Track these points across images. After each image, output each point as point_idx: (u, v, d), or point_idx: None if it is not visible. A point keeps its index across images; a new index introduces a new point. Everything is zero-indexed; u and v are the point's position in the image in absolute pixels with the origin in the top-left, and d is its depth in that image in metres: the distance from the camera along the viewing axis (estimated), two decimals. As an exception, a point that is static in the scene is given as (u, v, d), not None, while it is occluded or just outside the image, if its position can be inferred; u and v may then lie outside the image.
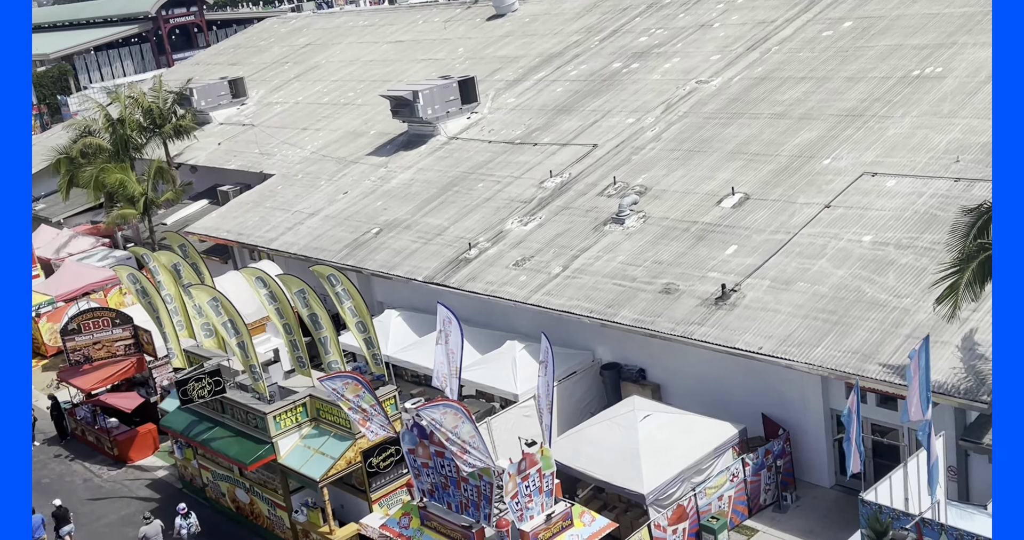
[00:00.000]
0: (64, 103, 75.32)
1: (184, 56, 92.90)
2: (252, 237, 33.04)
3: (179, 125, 40.69)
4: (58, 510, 22.89)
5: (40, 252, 39.27)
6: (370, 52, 46.83)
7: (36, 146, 55.19)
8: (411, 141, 35.15)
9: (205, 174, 42.25)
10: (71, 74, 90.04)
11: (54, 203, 47.43)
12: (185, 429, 22.46)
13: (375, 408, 17.62)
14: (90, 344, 27.75)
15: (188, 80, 46.05)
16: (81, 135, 39.99)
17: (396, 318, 26.84)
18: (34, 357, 35.44)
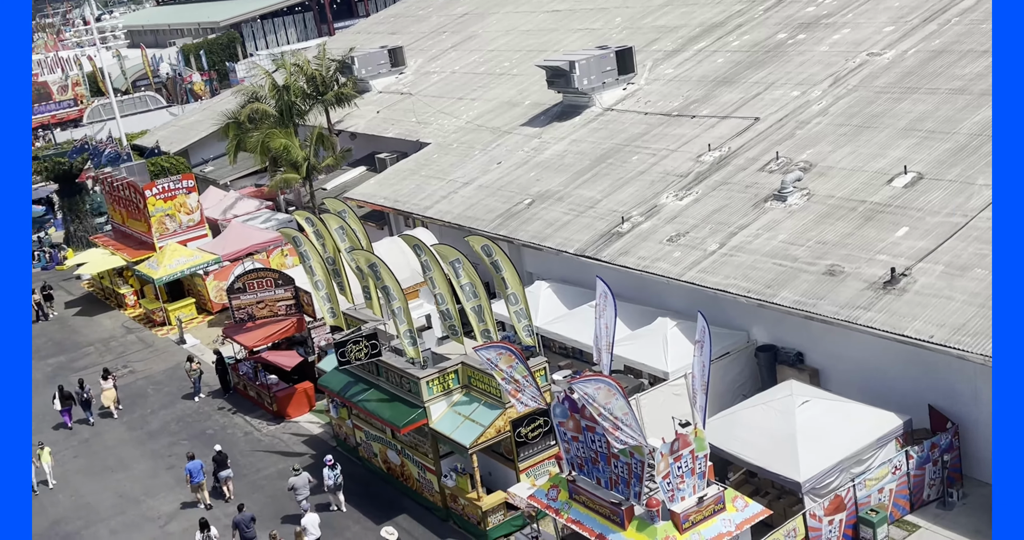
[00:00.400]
0: (232, 69, 78.47)
1: (344, 25, 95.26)
2: (408, 204, 33.65)
3: (340, 93, 41.76)
4: (218, 455, 24.17)
5: (208, 213, 41.11)
6: (526, 22, 46.73)
7: (206, 111, 57.88)
8: (565, 112, 34.94)
9: (364, 141, 43.27)
10: (239, 41, 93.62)
11: (222, 166, 49.59)
12: (341, 389, 23.16)
13: (527, 379, 17.66)
14: (254, 303, 28.96)
15: (350, 49, 47.09)
16: (249, 101, 41.55)
17: (546, 289, 26.87)
18: (200, 313, 37.39)
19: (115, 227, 42.42)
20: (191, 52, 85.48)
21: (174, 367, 32.57)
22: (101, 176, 43.58)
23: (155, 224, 38.24)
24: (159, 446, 27.41)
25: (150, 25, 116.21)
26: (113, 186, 40.99)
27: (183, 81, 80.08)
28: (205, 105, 63.14)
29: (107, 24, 58.61)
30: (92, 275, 41.98)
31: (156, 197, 38.27)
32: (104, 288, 41.80)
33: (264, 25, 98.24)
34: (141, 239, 39.33)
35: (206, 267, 36.72)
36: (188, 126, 55.94)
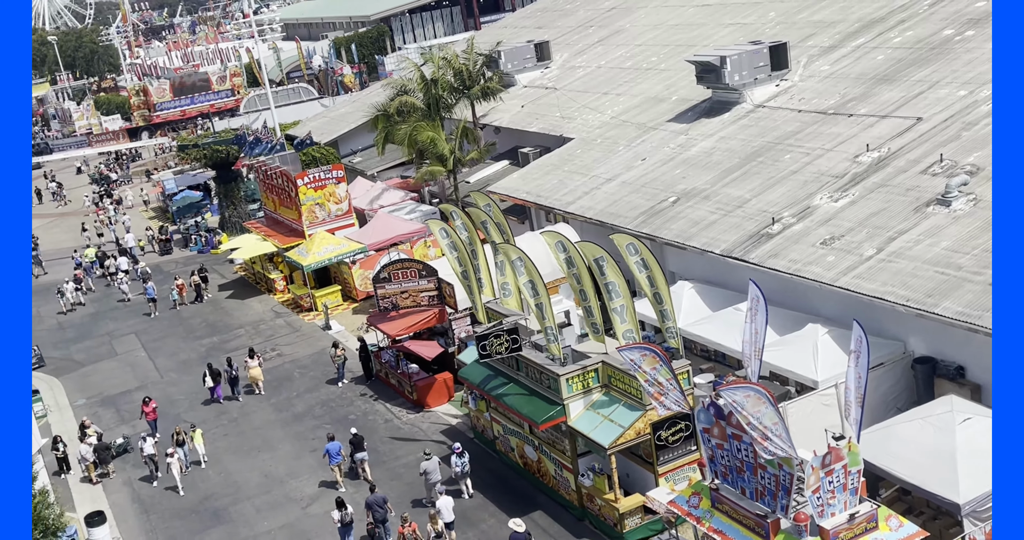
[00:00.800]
0: (381, 62, 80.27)
1: (491, 19, 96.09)
2: (550, 199, 33.60)
3: (486, 87, 42.08)
4: (354, 438, 24.87)
5: (356, 203, 42.17)
6: (675, 16, 45.98)
7: (355, 103, 59.42)
8: (714, 108, 34.18)
9: (507, 135, 43.50)
10: (388, 35, 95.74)
11: (370, 157, 50.80)
12: (481, 382, 23.31)
13: (671, 382, 17.32)
14: (398, 293, 29.48)
15: (497, 43, 47.39)
16: (397, 94, 42.35)
17: (689, 290, 26.33)
18: (345, 300, 38.39)
19: (267, 214, 44.05)
20: (342, 45, 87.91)
21: (319, 352, 33.55)
22: (256, 164, 45.32)
23: (305, 212, 39.46)
24: (303, 428, 28.27)
25: (304, 18, 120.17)
26: (267, 174, 42.54)
27: (334, 73, 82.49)
28: (355, 97, 64.83)
29: (264, 17, 61.00)
30: (244, 260, 43.69)
31: (307, 186, 39.49)
32: (255, 273, 43.45)
33: (413, 19, 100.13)
34: (292, 226, 40.69)
35: (352, 256, 37.67)
36: (338, 117, 57.55)
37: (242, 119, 67.29)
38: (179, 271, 45.97)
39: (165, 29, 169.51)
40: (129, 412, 31.42)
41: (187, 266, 46.79)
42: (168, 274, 46.14)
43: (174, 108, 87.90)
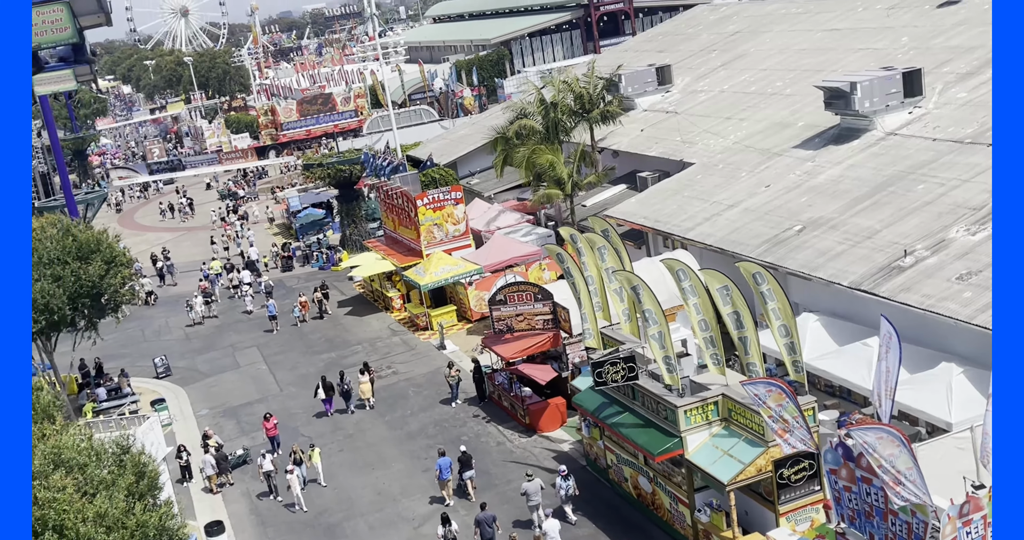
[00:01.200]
0: (500, 85, 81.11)
1: (610, 43, 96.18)
2: (669, 225, 33.17)
3: (606, 111, 41.95)
4: (463, 455, 25.07)
5: (472, 224, 42.52)
6: (802, 40, 45.01)
7: (474, 125, 60.11)
8: (842, 135, 33.22)
9: (626, 159, 43.24)
10: (508, 58, 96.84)
11: (487, 179, 51.23)
12: (596, 410, 23.05)
13: (797, 420, 16.74)
14: (513, 315, 29.50)
15: (617, 67, 47.27)
16: (517, 117, 42.63)
17: (814, 322, 25.52)
18: (460, 320, 38.66)
19: (387, 233, 44.83)
20: (463, 68, 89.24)
21: (434, 371, 33.83)
22: (377, 184, 46.22)
23: (424, 232, 40.00)
24: (416, 447, 28.48)
25: (427, 42, 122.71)
26: (388, 194, 43.33)
27: (454, 96, 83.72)
28: (474, 120, 65.62)
29: (389, 40, 62.30)
30: (363, 277, 44.51)
31: (426, 207, 40.04)
32: (374, 290, 44.23)
33: (532, 42, 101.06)
34: (410, 246, 41.28)
35: (468, 276, 37.94)
36: (457, 139, 58.30)
37: (365, 139, 68.94)
38: (301, 287, 47.18)
39: (293, 51, 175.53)
40: (249, 424, 32.27)
41: (308, 282, 47.97)
42: (290, 289, 47.40)
43: (300, 127, 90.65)
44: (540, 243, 40.44)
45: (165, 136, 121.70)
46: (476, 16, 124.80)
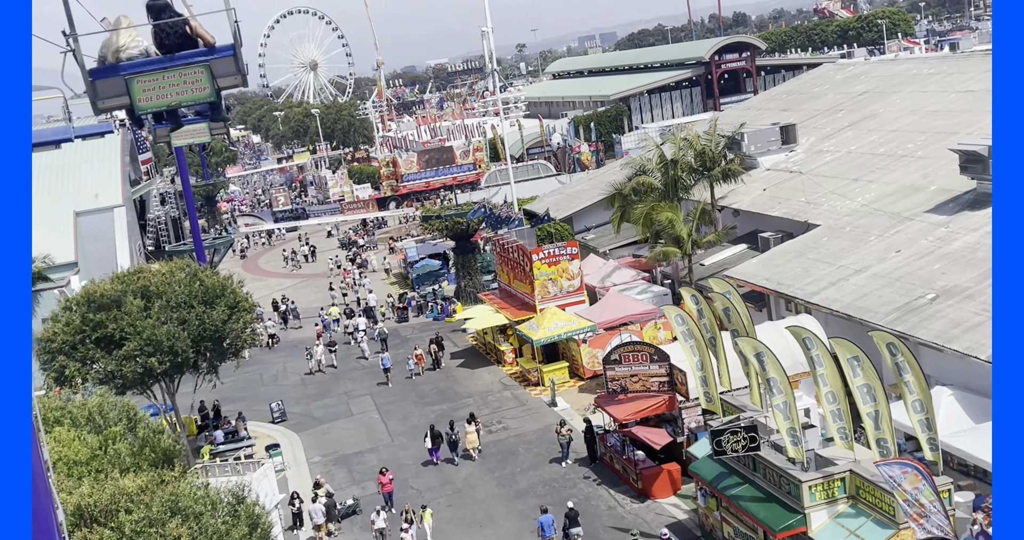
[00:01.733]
0: (618, 141, 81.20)
1: (732, 100, 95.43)
2: (792, 288, 32.21)
3: (728, 168, 41.35)
4: (570, 512, 24.74)
5: (587, 279, 42.25)
6: (934, 102, 43.62)
7: (591, 180, 60.14)
8: (979, 200, 31.80)
9: (746, 219, 42.42)
10: (626, 114, 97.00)
11: (603, 235, 50.99)
12: (713, 479, 22.26)
13: (935, 504, 15.72)
14: (627, 376, 28.94)
15: (740, 125, 46.67)
16: (636, 173, 42.40)
17: (948, 397, 24.21)
18: (572, 377, 38.22)
19: (501, 286, 44.93)
20: (581, 123, 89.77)
21: (544, 428, 33.42)
22: (493, 237, 46.50)
23: (538, 287, 39.91)
24: (525, 507, 28.03)
25: (546, 97, 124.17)
26: (504, 247, 43.50)
27: (572, 151, 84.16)
28: (591, 175, 65.70)
29: (510, 96, 63.11)
30: (477, 330, 44.60)
31: (542, 261, 40.00)
32: (486, 343, 44.24)
33: (651, 99, 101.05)
34: (524, 300, 41.23)
35: (582, 333, 37.56)
36: (574, 194, 58.36)
37: (483, 192, 69.74)
38: (415, 337, 47.58)
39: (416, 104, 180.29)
40: (360, 473, 32.39)
41: (423, 332, 48.35)
42: (405, 339, 47.85)
43: (420, 179, 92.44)
44: (656, 302, 39.84)
45: (290, 185, 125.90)
46: (595, 73, 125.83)
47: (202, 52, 8.81)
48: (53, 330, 30.76)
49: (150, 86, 8.50)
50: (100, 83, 8.53)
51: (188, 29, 8.96)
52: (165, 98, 8.57)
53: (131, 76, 8.46)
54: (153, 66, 8.60)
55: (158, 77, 8.51)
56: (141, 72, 8.49)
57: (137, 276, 32.33)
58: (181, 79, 8.57)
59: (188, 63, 8.64)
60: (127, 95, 8.51)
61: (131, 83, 8.45)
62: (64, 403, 20.44)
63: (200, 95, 8.68)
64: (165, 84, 8.53)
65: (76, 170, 57.04)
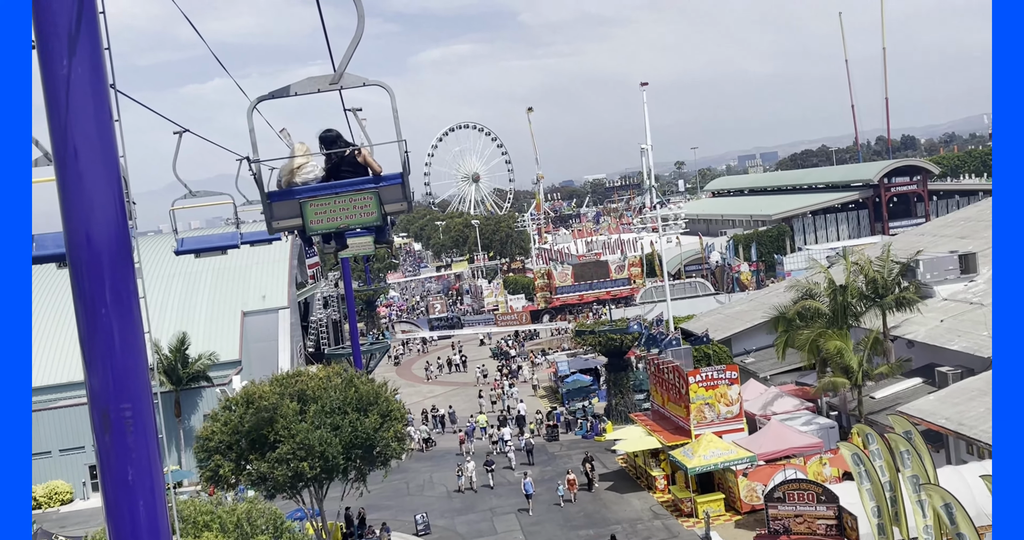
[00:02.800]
0: (779, 262, 79.22)
1: (902, 224, 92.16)
2: (975, 430, 29.60)
3: (901, 297, 39.21)
4: None
5: (747, 406, 40.34)
6: None
7: (751, 301, 58.43)
8: None
9: (921, 351, 39.87)
10: (788, 235, 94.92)
11: (763, 359, 49.04)
12: None
13: None
14: (791, 516, 27.00)
15: (917, 252, 44.49)
16: (802, 297, 40.74)
17: None
18: (728, 510, 36.05)
19: (654, 407, 43.46)
20: (740, 242, 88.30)
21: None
22: (647, 356, 45.33)
23: (694, 411, 38.32)
24: None
25: (704, 214, 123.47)
26: (658, 367, 42.24)
27: (731, 270, 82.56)
28: (751, 296, 63.98)
29: (670, 212, 62.65)
30: (627, 452, 43.09)
31: (699, 384, 38.49)
32: (637, 466, 42.60)
33: (815, 220, 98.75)
34: (678, 423, 39.62)
35: (740, 464, 35.58)
36: (733, 315, 56.71)
37: (637, 309, 68.84)
38: (563, 455, 46.41)
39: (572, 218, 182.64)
40: (500, 597, 31.12)
41: (570, 450, 47.15)
42: (552, 456, 46.72)
43: (573, 292, 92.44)
44: (821, 435, 37.54)
45: (447, 292, 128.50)
46: (756, 192, 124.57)
47: (371, 180, 9.26)
48: (211, 429, 31.42)
49: (322, 210, 8.94)
50: (276, 205, 9.05)
51: (359, 157, 9.50)
52: (335, 221, 9.01)
53: (305, 200, 8.94)
54: (325, 191, 9.07)
55: (329, 201, 8.96)
56: (314, 196, 8.97)
57: (295, 379, 32.85)
58: (351, 204, 9.02)
59: (358, 190, 9.07)
60: (300, 217, 8.94)
61: (305, 206, 8.91)
62: (214, 506, 20.46)
63: (368, 219, 9.07)
64: (336, 208, 8.98)
65: (246, 271, 59.70)
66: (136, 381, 6.50)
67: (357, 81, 8.62)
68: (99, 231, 6.33)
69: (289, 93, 8.50)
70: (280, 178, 9.51)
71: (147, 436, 6.50)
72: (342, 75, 8.42)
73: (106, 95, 6.33)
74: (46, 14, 6.10)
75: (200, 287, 57.91)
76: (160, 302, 56.48)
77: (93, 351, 6.38)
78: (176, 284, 57.50)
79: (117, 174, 6.42)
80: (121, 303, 6.45)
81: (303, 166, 9.43)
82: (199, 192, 17.74)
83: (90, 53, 6.21)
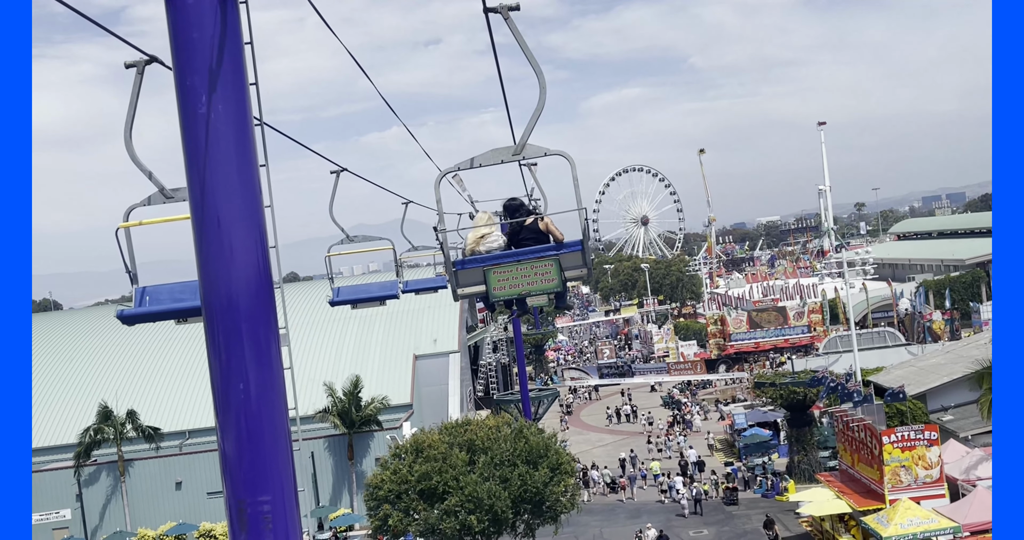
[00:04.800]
0: (975, 310, 73.59)
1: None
2: None
3: None
4: None
5: (948, 470, 36.79)
6: None
7: (948, 353, 54.01)
8: None
9: None
10: (984, 281, 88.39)
11: (964, 416, 44.91)
12: None
13: None
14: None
15: None
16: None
17: None
18: (929, 586, 32.74)
19: (842, 467, 40.36)
20: (931, 288, 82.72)
21: None
22: (834, 411, 42.27)
23: (888, 474, 35.21)
24: None
25: (889, 258, 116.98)
26: (847, 425, 39.24)
27: (922, 318, 77.25)
28: (947, 347, 59.35)
29: (857, 256, 59.10)
30: (813, 515, 40.13)
31: (893, 445, 35.40)
32: (823, 531, 39.56)
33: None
34: (870, 487, 36.53)
35: (944, 535, 32.28)
36: (928, 368, 52.52)
37: (820, 359, 65.10)
38: (741, 514, 43.74)
39: (745, 261, 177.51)
40: None
41: (749, 509, 44.44)
42: (729, 515, 44.16)
43: (749, 340, 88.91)
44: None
45: (616, 336, 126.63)
46: (946, 235, 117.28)
47: (552, 247, 9.51)
48: (381, 478, 31.07)
49: (504, 277, 9.22)
50: (461, 273, 9.32)
51: (540, 225, 9.84)
52: (517, 288, 9.24)
53: (489, 267, 9.24)
54: (508, 259, 9.36)
55: (512, 269, 9.22)
56: (498, 264, 9.27)
57: (464, 428, 32.20)
58: (533, 271, 9.22)
59: (540, 257, 9.29)
60: (484, 284, 9.22)
61: (488, 274, 9.20)
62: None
63: (549, 286, 9.25)
64: (518, 275, 9.23)
65: (418, 315, 60.12)
66: (278, 467, 5.53)
67: (538, 151, 8.75)
68: (238, 286, 5.45)
69: (473, 165, 8.62)
70: (464, 246, 9.96)
71: (289, 535, 5.50)
72: (524, 146, 8.52)
73: (249, 135, 5.48)
74: (185, 43, 5.31)
75: (374, 330, 58.71)
76: (336, 345, 57.54)
77: (227, 431, 5.47)
78: (351, 327, 58.50)
79: (260, 221, 5.54)
80: (262, 369, 5.53)
81: (487, 235, 9.80)
82: (356, 237, 17.36)
83: (233, 88, 5.38)
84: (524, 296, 9.34)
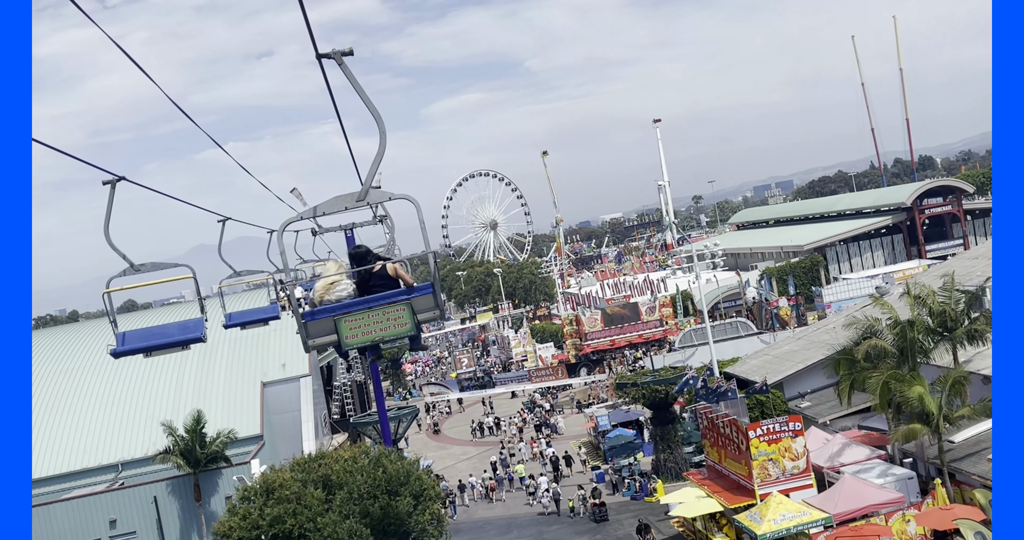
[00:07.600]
0: (817, 294, 75.76)
1: (938, 247, 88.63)
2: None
3: (972, 329, 35.77)
4: None
5: (813, 458, 36.81)
6: None
7: (799, 340, 54.84)
8: None
9: (1001, 387, 36.33)
10: (822, 265, 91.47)
11: (820, 402, 45.47)
12: None
13: None
14: (893, 595, 23.44)
15: (987, 279, 41.06)
16: (864, 336, 37.34)
17: None
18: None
19: (709, 464, 39.94)
20: (774, 275, 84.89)
21: None
22: (698, 408, 41.88)
23: (757, 468, 34.86)
24: None
25: (731, 248, 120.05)
26: (713, 422, 38.82)
27: (769, 305, 79.05)
28: (797, 333, 60.44)
29: (706, 248, 59.33)
30: (685, 517, 39.55)
31: (760, 438, 35.09)
32: (696, 531, 39.02)
33: (848, 248, 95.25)
34: (739, 482, 36.13)
35: (816, 527, 32.05)
36: (782, 356, 53.15)
37: (677, 355, 65.32)
38: (612, 520, 42.83)
39: (593, 259, 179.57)
40: None
41: (619, 514, 43.63)
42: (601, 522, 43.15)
43: (604, 338, 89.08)
44: (900, 487, 34.02)
45: (472, 342, 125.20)
46: (783, 222, 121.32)
47: (403, 292, 9.37)
48: (229, 524, 28.29)
49: (356, 325, 8.99)
50: (311, 324, 9.06)
51: (389, 269, 9.74)
52: (369, 335, 9.07)
53: (339, 317, 9.03)
54: (359, 307, 9.17)
55: (363, 316, 9.04)
56: (348, 312, 9.10)
57: (318, 463, 29.76)
58: (385, 317, 9.05)
59: (391, 302, 9.14)
60: (335, 333, 8.97)
61: (339, 323, 8.98)
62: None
63: (402, 330, 9.10)
64: (370, 322, 9.04)
65: (264, 339, 56.81)
66: None
67: (383, 196, 8.67)
68: None
69: (316, 213, 8.55)
70: (313, 296, 9.74)
71: None
72: (367, 192, 8.45)
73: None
74: None
75: (216, 359, 55.03)
76: (176, 379, 53.66)
77: None
78: (191, 357, 54.60)
79: None
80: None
81: (336, 284, 9.60)
82: (243, 271, 19.60)
83: None
84: (377, 342, 9.25)
